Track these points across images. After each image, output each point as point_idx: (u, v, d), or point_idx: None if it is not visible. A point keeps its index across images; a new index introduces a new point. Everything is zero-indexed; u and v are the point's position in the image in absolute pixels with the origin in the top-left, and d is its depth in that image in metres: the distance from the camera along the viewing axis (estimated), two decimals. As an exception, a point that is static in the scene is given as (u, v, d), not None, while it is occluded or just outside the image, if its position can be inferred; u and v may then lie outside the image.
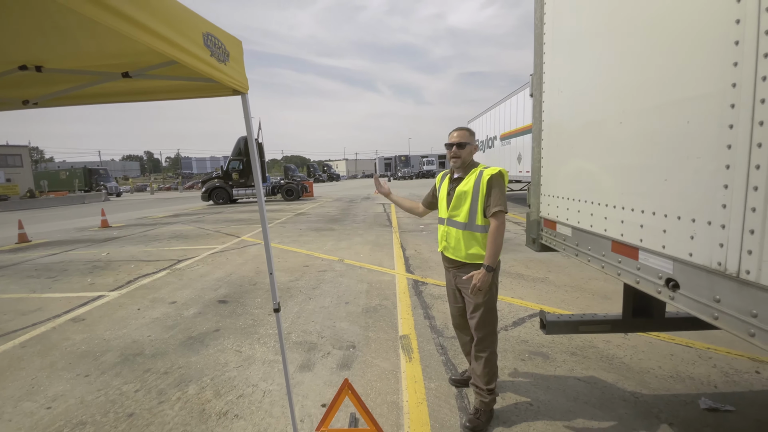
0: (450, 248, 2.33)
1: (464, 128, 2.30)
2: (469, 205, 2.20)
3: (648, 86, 1.33)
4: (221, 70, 1.41)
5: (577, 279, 5.13)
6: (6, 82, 1.72)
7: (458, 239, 2.26)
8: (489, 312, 2.26)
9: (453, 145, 2.26)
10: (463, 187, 2.24)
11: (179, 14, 1.20)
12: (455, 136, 2.27)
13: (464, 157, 2.26)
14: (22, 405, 2.64)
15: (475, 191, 2.19)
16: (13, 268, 7.01)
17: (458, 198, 2.25)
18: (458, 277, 2.33)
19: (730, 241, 1.02)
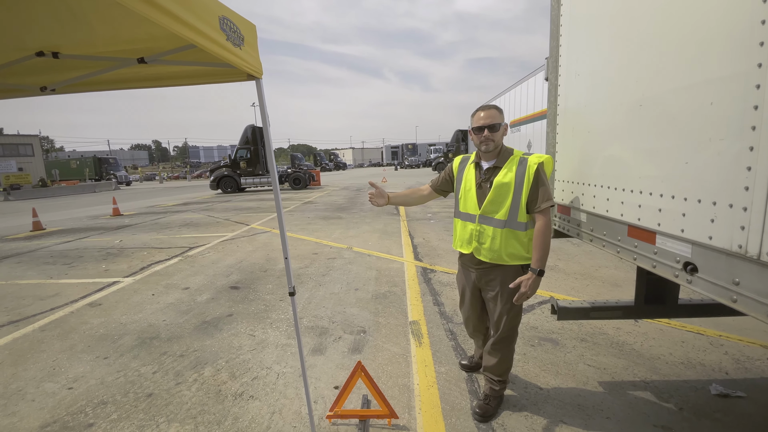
0: (484, 249, 2.03)
1: (493, 106, 1.95)
2: (511, 200, 1.91)
3: (669, 68, 1.31)
4: (237, 54, 1.41)
5: (587, 267, 5.11)
6: (23, 68, 1.74)
7: (496, 239, 1.97)
8: (516, 316, 2.12)
9: (484, 128, 1.92)
10: (503, 179, 1.92)
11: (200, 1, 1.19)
12: (484, 117, 1.92)
13: (498, 141, 1.94)
14: (44, 386, 2.73)
15: (518, 183, 1.90)
16: (29, 255, 7.18)
17: (497, 191, 1.94)
18: (483, 279, 2.12)
19: (752, 224, 1.01)
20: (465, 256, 2.19)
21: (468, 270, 2.22)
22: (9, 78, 1.80)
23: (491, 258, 2.02)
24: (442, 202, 12.43)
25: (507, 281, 2.02)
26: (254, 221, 10.00)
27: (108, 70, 1.71)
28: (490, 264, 2.06)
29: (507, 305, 2.07)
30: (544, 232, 1.87)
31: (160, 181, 47.09)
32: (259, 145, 21.04)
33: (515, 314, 2.11)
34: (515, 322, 2.14)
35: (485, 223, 2.01)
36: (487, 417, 2.20)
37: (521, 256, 1.99)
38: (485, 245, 2.02)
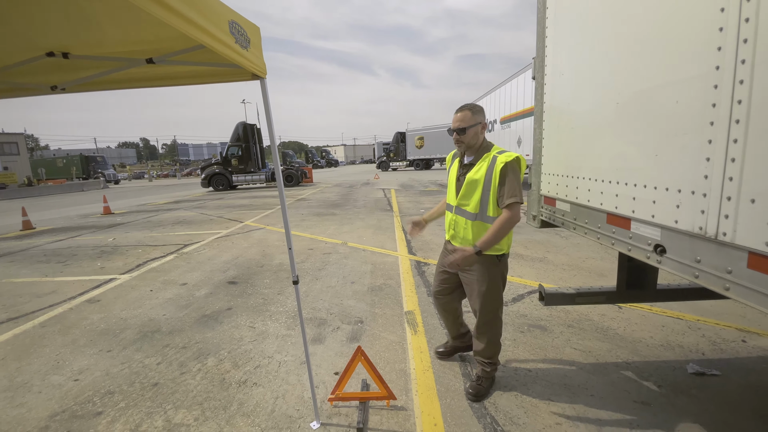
0: (458, 238, 2.23)
1: (466, 108, 2.09)
2: (480, 195, 2.07)
3: (642, 69, 1.43)
4: (243, 55, 1.50)
5: (574, 258, 5.29)
6: (34, 68, 1.81)
7: (468, 229, 2.15)
8: (494, 300, 2.23)
9: (455, 130, 2.11)
10: (474, 175, 2.08)
11: (209, 3, 1.28)
12: (455, 120, 2.10)
13: (468, 142, 2.10)
14: (50, 378, 2.80)
15: (487, 180, 2.04)
16: (21, 253, 7.14)
17: (468, 186, 2.11)
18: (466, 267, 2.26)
19: (710, 208, 1.14)
20: (448, 242, 2.41)
21: (447, 252, 2.40)
22: (20, 77, 1.87)
23: (465, 246, 2.16)
24: (435, 199, 12.59)
25: (485, 269, 2.18)
26: (248, 218, 10.04)
27: (117, 70, 1.79)
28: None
29: (482, 289, 2.20)
30: (503, 223, 1.98)
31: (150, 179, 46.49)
32: (251, 143, 20.95)
33: (492, 298, 2.23)
34: (494, 306, 2.25)
35: (460, 214, 2.21)
36: (480, 397, 2.33)
37: (494, 247, 2.09)
38: (459, 234, 2.24)
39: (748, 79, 1.01)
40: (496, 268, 2.19)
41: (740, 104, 1.03)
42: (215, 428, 2.16)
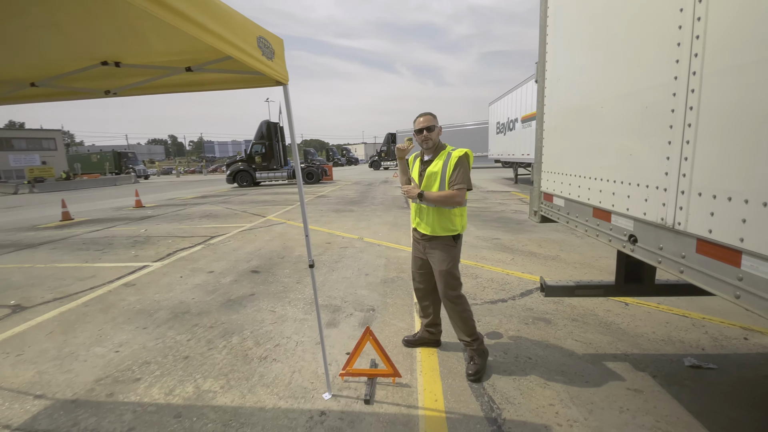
0: (423, 223, 2.58)
1: (428, 113, 2.52)
2: (439, 184, 2.45)
3: (621, 77, 1.57)
4: (268, 65, 1.73)
5: (587, 257, 5.33)
6: (91, 75, 2.10)
7: (430, 215, 2.52)
8: (452, 277, 2.55)
9: (423, 129, 2.48)
10: (433, 168, 2.48)
11: (241, 23, 1.52)
12: (422, 122, 2.48)
13: (434, 139, 2.50)
14: (94, 349, 3.14)
15: (443, 171, 2.44)
16: (63, 242, 7.71)
17: (429, 178, 2.49)
18: (426, 248, 2.63)
19: (669, 201, 1.28)
20: (414, 230, 2.71)
21: (417, 241, 2.72)
22: (78, 83, 2.17)
23: (428, 231, 2.55)
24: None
25: (444, 249, 2.54)
26: (270, 213, 10.43)
27: (161, 77, 2.06)
28: (429, 236, 2.57)
29: (443, 268, 2.54)
30: (446, 195, 2.41)
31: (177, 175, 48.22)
32: (274, 141, 21.50)
33: (453, 276, 2.56)
34: (453, 284, 2.57)
35: (423, 203, 2.53)
36: (479, 374, 2.52)
37: (450, 228, 2.51)
38: (424, 220, 2.57)
39: (698, 88, 1.15)
40: (453, 249, 2.56)
41: (691, 110, 1.17)
42: (239, 395, 2.42)
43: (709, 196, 1.12)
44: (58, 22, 1.79)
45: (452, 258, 2.56)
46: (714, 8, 1.07)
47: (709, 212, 1.11)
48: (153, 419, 2.24)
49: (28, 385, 2.67)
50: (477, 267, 4.97)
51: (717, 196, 1.08)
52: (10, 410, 2.40)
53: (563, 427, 2.08)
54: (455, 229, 2.53)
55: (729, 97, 1.04)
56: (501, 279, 4.50)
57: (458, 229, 2.54)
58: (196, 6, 1.33)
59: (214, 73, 2.03)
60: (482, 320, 3.41)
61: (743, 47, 0.99)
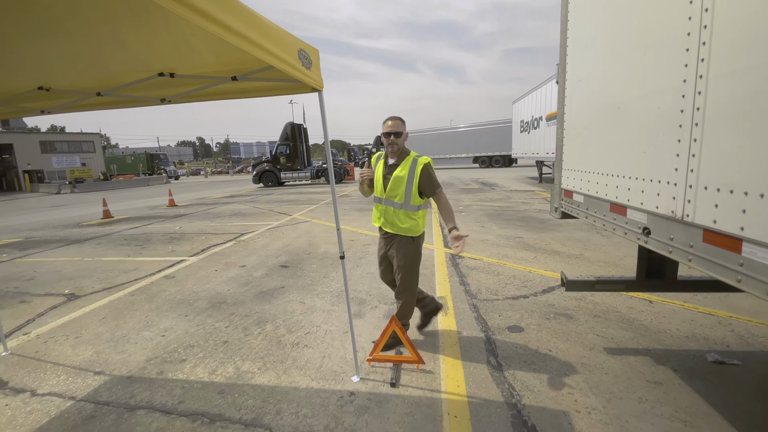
0: (388, 223, 2.71)
1: (397, 117, 2.61)
2: (405, 188, 2.59)
3: (635, 80, 1.66)
4: (306, 74, 1.91)
5: (612, 256, 5.31)
6: (149, 84, 2.35)
7: (395, 216, 2.65)
8: (411, 273, 2.74)
9: (391, 134, 2.57)
10: (399, 173, 2.59)
11: (284, 37, 1.71)
12: (391, 126, 2.58)
13: (400, 144, 2.61)
14: (143, 333, 3.44)
15: (410, 176, 2.57)
16: (105, 238, 8.26)
17: (395, 181, 2.61)
18: (389, 245, 2.77)
19: (678, 195, 1.37)
20: (380, 229, 2.84)
21: (381, 239, 2.87)
22: (137, 92, 2.43)
23: (393, 230, 2.69)
24: (475, 197, 12.66)
25: (403, 247, 2.69)
26: (295, 212, 10.76)
27: (210, 86, 2.29)
28: (392, 234, 2.72)
29: (401, 263, 2.71)
30: (445, 205, 2.59)
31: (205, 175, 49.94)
32: (298, 142, 22.00)
33: (408, 272, 2.74)
34: (411, 278, 2.76)
35: (388, 204, 2.69)
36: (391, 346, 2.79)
37: (413, 229, 2.67)
38: (389, 220, 2.70)
39: (704, 90, 1.24)
40: (411, 246, 2.72)
41: (698, 110, 1.26)
42: (274, 376, 2.63)
43: (713, 189, 1.21)
44: (122, 39, 2.04)
45: (412, 257, 2.72)
46: (719, 17, 1.16)
47: (714, 204, 1.20)
48: (199, 394, 2.48)
49: (88, 363, 2.97)
50: (499, 264, 5.04)
51: (720, 189, 1.17)
52: (74, 384, 2.69)
53: (581, 414, 2.17)
54: (417, 229, 2.70)
55: (731, 99, 1.13)
56: (523, 276, 4.56)
57: (420, 229, 2.72)
58: (247, 23, 1.52)
59: (257, 82, 2.24)
60: (503, 315, 3.50)
61: (744, 53, 1.08)
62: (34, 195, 26.45)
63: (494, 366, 2.69)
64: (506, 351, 2.88)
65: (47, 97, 2.60)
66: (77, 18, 1.91)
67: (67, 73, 2.37)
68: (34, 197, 23.92)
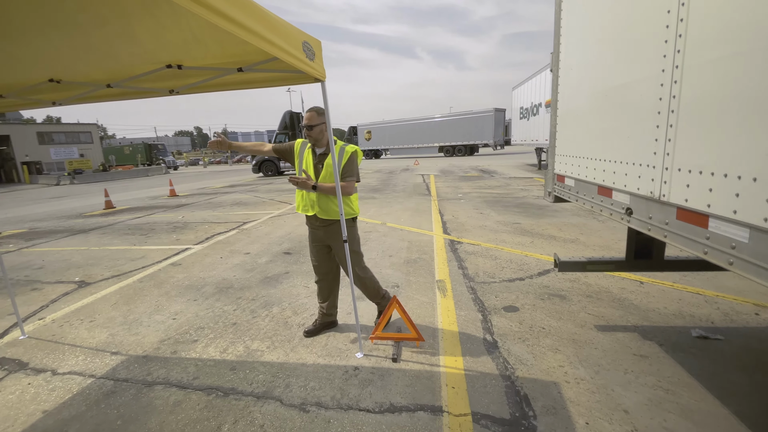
0: (323, 211, 2.74)
1: (313, 110, 2.66)
2: (335, 175, 2.60)
3: (621, 69, 1.75)
4: (309, 65, 2.01)
5: (607, 240, 5.45)
6: (157, 76, 2.44)
7: (330, 203, 2.71)
8: (356, 254, 2.85)
9: (304, 127, 2.67)
10: (329, 160, 2.68)
11: (289, 30, 1.79)
12: (306, 118, 2.66)
13: (315, 136, 2.68)
14: (154, 317, 3.59)
15: (338, 163, 2.65)
16: (110, 227, 8.38)
17: (328, 170, 2.68)
18: (327, 233, 2.82)
19: (656, 177, 1.49)
20: (309, 218, 2.87)
21: (315, 229, 2.89)
22: (146, 83, 2.52)
23: (329, 216, 2.75)
24: (474, 184, 12.75)
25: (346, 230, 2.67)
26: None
27: (216, 77, 2.37)
28: (329, 221, 2.77)
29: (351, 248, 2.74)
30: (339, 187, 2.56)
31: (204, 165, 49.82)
32: (297, 130, 21.95)
33: (354, 252, 2.82)
34: (358, 259, 2.89)
35: (318, 192, 2.69)
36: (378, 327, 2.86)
37: (349, 212, 2.76)
38: (322, 208, 2.74)
39: (680, 79, 1.34)
40: (353, 228, 2.84)
41: (674, 98, 1.37)
42: (282, 353, 2.78)
43: (686, 170, 1.32)
44: (133, 32, 2.13)
45: (354, 237, 2.86)
46: (694, 11, 1.26)
47: (686, 184, 1.32)
48: (212, 371, 2.63)
49: (104, 344, 3.12)
50: (496, 249, 5.19)
51: (692, 170, 1.28)
52: (93, 364, 2.85)
53: (571, 384, 2.33)
54: (353, 211, 2.83)
55: (702, 87, 1.23)
56: (519, 260, 4.71)
57: (356, 211, 2.86)
58: (253, 17, 1.61)
59: (262, 73, 2.32)
60: (499, 296, 3.65)
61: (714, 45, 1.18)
62: (33, 186, 26.45)
63: (490, 342, 2.84)
64: (501, 329, 3.03)
65: (58, 89, 2.68)
66: (90, 11, 1.99)
67: (79, 66, 2.45)
68: (33, 189, 23.95)
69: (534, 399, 2.22)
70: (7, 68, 2.48)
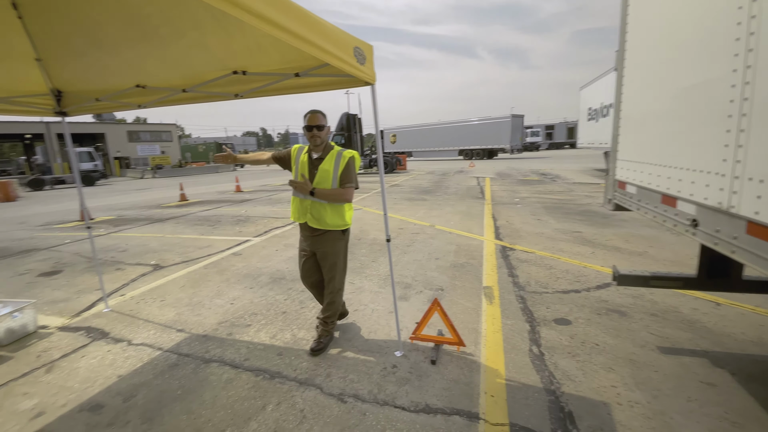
0: (314, 220, 2.64)
1: (319, 111, 2.59)
2: (331, 181, 2.57)
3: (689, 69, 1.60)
4: (360, 69, 2.08)
5: (681, 255, 4.94)
6: (225, 81, 2.67)
7: (322, 211, 2.61)
8: (343, 271, 2.83)
9: (313, 127, 2.54)
10: (325, 166, 2.58)
11: (341, 37, 1.88)
12: (312, 118, 2.55)
13: (323, 137, 2.59)
14: (215, 301, 3.91)
15: (335, 168, 2.57)
16: (183, 218, 9.24)
17: (321, 175, 2.57)
18: (316, 243, 2.72)
19: (725, 186, 1.33)
20: (302, 226, 2.78)
21: (306, 238, 2.79)
22: (215, 88, 2.77)
23: (320, 225, 2.65)
24: (533, 189, 12.20)
25: (335, 243, 2.71)
26: (348, 199, 11.15)
27: (275, 82, 2.55)
28: (320, 230, 2.68)
29: (334, 261, 2.73)
30: (337, 193, 2.58)
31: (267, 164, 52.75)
32: (353, 132, 22.50)
33: (342, 269, 2.81)
34: (343, 275, 2.84)
35: (315, 199, 2.62)
36: (320, 350, 2.77)
37: (340, 224, 2.68)
38: (315, 216, 2.65)
39: (752, 80, 1.20)
40: (341, 241, 2.75)
41: (746, 101, 1.22)
42: (326, 345, 2.90)
43: (757, 180, 1.18)
44: (206, 42, 2.36)
45: (344, 253, 2.79)
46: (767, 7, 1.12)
47: (757, 195, 1.17)
48: (262, 354, 2.82)
49: (171, 322, 3.47)
50: (552, 258, 4.93)
51: (764, 180, 1.14)
52: (161, 338, 3.18)
53: (623, 407, 2.17)
54: (345, 223, 2.71)
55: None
56: (577, 271, 4.44)
57: (347, 223, 2.73)
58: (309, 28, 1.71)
59: (317, 77, 2.45)
60: (551, 307, 3.48)
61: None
62: (122, 179, 29.87)
63: (536, 354, 2.73)
64: (550, 341, 2.89)
65: (143, 93, 3.04)
66: (171, 25, 2.25)
67: (160, 73, 2.77)
68: (122, 181, 27.05)
69: (579, 417, 2.10)
70: (103, 76, 2.87)
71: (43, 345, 3.16)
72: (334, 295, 2.83)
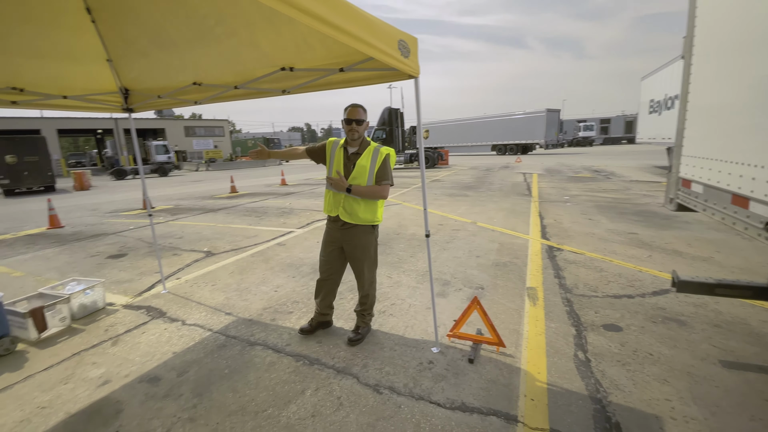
0: (347, 214, 2.65)
1: (359, 105, 2.56)
2: (368, 178, 2.59)
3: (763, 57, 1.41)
4: (404, 63, 2.07)
5: (752, 263, 4.47)
6: (273, 78, 2.77)
7: (356, 205, 2.62)
8: (374, 264, 2.88)
9: (353, 121, 2.53)
10: (362, 161, 2.59)
11: (386, 31, 1.88)
12: (353, 112, 2.54)
13: (361, 132, 2.59)
14: (260, 288, 4.10)
15: (372, 165, 2.58)
16: (233, 209, 9.75)
17: (358, 170, 2.58)
18: (346, 236, 2.72)
19: None
20: (331, 218, 2.80)
21: (336, 230, 2.78)
22: (264, 84, 2.88)
23: (351, 219, 2.66)
24: (585, 186, 11.55)
25: (365, 237, 2.73)
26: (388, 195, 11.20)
27: (321, 77, 2.61)
28: (351, 224, 2.69)
29: (363, 255, 2.77)
30: (374, 190, 2.61)
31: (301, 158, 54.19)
32: (394, 126, 22.48)
33: (373, 263, 2.86)
34: (375, 268, 2.91)
35: (351, 195, 2.61)
36: (358, 341, 2.84)
37: (372, 219, 2.70)
38: (348, 210, 2.66)
39: None
40: (371, 235, 2.78)
41: None
42: (363, 337, 2.95)
43: None
44: (256, 40, 2.45)
45: (375, 247, 2.84)
46: None
47: None
48: (302, 341, 2.93)
49: (221, 305, 3.69)
50: (603, 260, 4.65)
51: None
52: (211, 320, 3.39)
53: (677, 421, 2.01)
54: (376, 219, 2.73)
55: None
56: (631, 275, 4.15)
57: (379, 219, 2.76)
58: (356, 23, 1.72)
59: (361, 72, 2.47)
60: (600, 312, 3.29)
61: None
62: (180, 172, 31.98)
63: (581, 360, 2.60)
64: (598, 348, 2.74)
65: (199, 90, 3.23)
66: (225, 24, 2.36)
67: (214, 71, 2.92)
68: (180, 174, 28.96)
69: (628, 429, 1.98)
70: (164, 74, 3.08)
71: (110, 320, 3.49)
72: (366, 288, 2.89)
